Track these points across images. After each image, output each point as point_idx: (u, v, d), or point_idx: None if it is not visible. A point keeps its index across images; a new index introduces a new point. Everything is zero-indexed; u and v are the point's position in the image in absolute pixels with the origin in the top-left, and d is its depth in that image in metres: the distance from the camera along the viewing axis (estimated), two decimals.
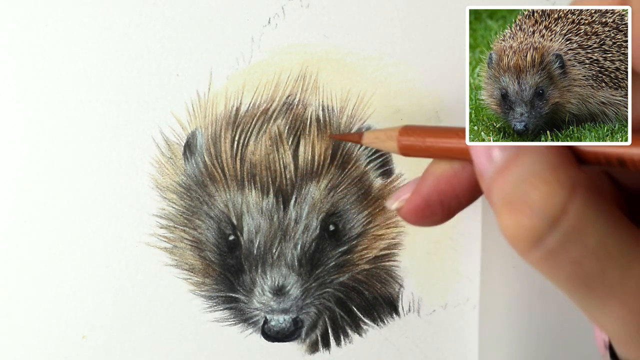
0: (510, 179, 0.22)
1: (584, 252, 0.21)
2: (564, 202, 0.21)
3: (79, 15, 0.41)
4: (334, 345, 0.43)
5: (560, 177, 0.21)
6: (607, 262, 0.21)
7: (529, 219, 0.21)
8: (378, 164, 0.42)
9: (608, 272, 0.21)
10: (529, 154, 0.22)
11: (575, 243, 0.21)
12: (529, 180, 0.22)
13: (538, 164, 0.22)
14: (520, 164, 0.22)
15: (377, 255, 0.43)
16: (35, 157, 0.41)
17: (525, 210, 0.21)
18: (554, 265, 0.22)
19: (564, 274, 0.22)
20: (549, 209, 0.21)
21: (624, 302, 0.21)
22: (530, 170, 0.22)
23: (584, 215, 0.21)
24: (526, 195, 0.21)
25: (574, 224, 0.21)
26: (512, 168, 0.22)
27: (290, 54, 0.41)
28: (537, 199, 0.21)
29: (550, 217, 0.21)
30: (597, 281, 0.21)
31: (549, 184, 0.21)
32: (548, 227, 0.21)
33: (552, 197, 0.21)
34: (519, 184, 0.22)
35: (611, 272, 0.21)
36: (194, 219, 0.42)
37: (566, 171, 0.22)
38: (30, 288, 0.42)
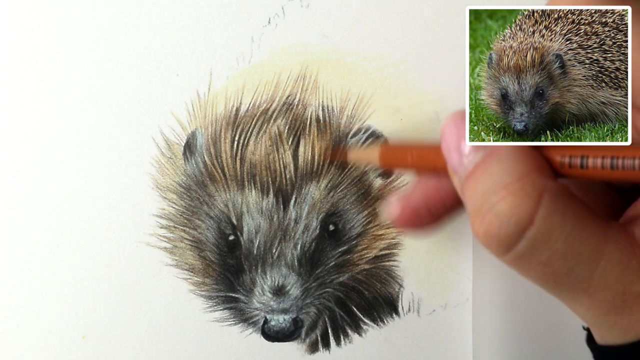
0: (479, 188, 0.23)
1: (553, 255, 0.22)
2: (530, 212, 0.22)
3: (79, 15, 0.41)
4: (333, 345, 0.43)
5: (526, 186, 0.22)
6: (575, 262, 0.22)
7: (497, 228, 0.22)
8: None
9: (576, 271, 0.22)
10: (496, 162, 0.23)
11: (543, 248, 0.22)
12: (496, 191, 0.23)
13: (505, 174, 0.23)
14: (488, 172, 0.23)
15: (377, 255, 0.43)
16: (35, 157, 0.41)
17: (493, 221, 0.22)
18: (525, 266, 0.23)
19: (534, 274, 0.23)
20: (515, 219, 0.22)
21: (592, 295, 0.23)
22: (497, 180, 0.23)
23: (550, 222, 0.22)
24: (494, 206, 0.22)
25: (541, 231, 0.22)
26: (480, 176, 0.23)
27: (290, 54, 0.41)
28: (504, 210, 0.22)
29: (517, 226, 0.22)
30: (566, 279, 0.23)
31: (515, 195, 0.22)
32: (516, 236, 0.22)
33: (519, 208, 0.22)
34: (487, 194, 0.23)
35: (579, 270, 0.22)
36: (194, 219, 0.42)
37: (532, 180, 0.23)
38: (30, 288, 0.42)
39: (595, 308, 0.23)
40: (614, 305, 0.23)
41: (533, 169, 0.23)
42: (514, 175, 0.23)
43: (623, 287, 0.22)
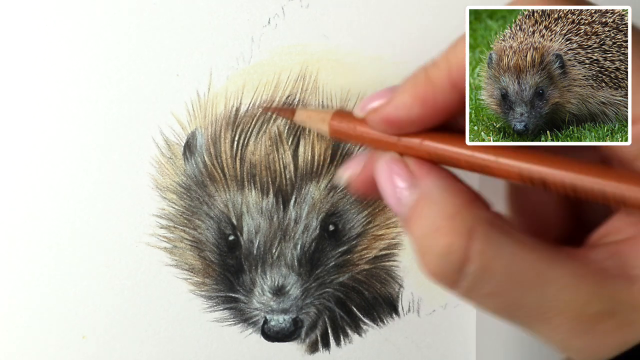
0: (417, 232, 0.24)
1: (497, 286, 0.23)
2: (465, 249, 0.23)
3: (79, 15, 0.41)
4: (333, 345, 0.43)
5: (457, 225, 0.23)
6: (520, 290, 0.23)
7: (438, 268, 0.23)
8: None
9: (525, 299, 0.23)
10: (427, 205, 0.24)
11: (485, 281, 0.23)
12: (431, 234, 0.23)
13: (436, 216, 0.24)
14: (421, 216, 0.24)
15: (377, 255, 0.43)
16: (35, 157, 0.41)
17: (434, 261, 0.23)
18: (475, 300, 0.24)
19: (487, 306, 0.24)
20: (452, 259, 0.23)
21: (547, 321, 0.23)
22: (430, 223, 0.24)
23: (486, 255, 0.23)
24: (431, 248, 0.23)
25: (479, 265, 0.23)
26: (416, 220, 0.24)
27: (290, 54, 0.41)
28: (441, 251, 0.23)
29: (455, 264, 0.23)
30: (518, 308, 0.23)
31: (447, 236, 0.23)
32: (457, 273, 0.23)
33: (453, 247, 0.23)
34: (424, 238, 0.24)
35: (528, 298, 0.23)
36: (194, 219, 0.42)
37: (462, 217, 0.23)
38: (30, 288, 0.42)
39: (555, 333, 0.23)
40: (573, 329, 0.23)
41: (462, 205, 0.24)
42: (443, 216, 0.23)
43: (578, 310, 0.22)
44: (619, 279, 0.23)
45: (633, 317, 0.22)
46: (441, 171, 0.25)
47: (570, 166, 0.23)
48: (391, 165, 0.26)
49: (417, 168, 0.25)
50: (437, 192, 0.24)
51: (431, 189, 0.24)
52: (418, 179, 0.25)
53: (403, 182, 0.25)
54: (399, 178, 0.25)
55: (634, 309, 0.22)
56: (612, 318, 0.22)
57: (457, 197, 0.24)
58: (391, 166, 0.25)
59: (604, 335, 0.23)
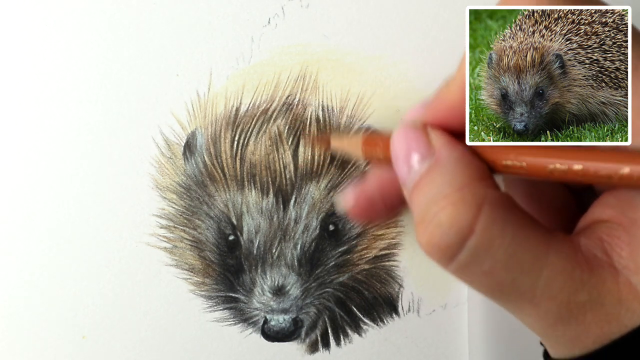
0: (422, 199, 0.24)
1: (494, 264, 0.23)
2: (470, 222, 0.22)
3: (79, 15, 0.41)
4: (333, 345, 0.43)
5: (466, 196, 0.23)
6: (517, 271, 0.23)
7: (439, 238, 0.23)
8: None
9: (519, 281, 0.23)
10: (439, 173, 0.24)
11: (484, 257, 0.23)
12: (438, 201, 0.23)
13: (446, 184, 0.23)
14: (430, 183, 0.24)
15: (376, 255, 0.43)
16: (35, 157, 0.41)
17: (435, 231, 0.23)
18: (469, 276, 0.23)
19: (479, 284, 0.24)
20: (456, 229, 0.22)
21: (537, 305, 0.23)
22: (438, 190, 0.23)
23: (490, 232, 0.22)
24: (435, 216, 0.23)
25: (482, 240, 0.22)
26: (423, 187, 0.24)
27: (290, 54, 0.41)
28: (445, 220, 0.23)
29: (458, 236, 0.22)
30: (510, 289, 0.23)
31: (455, 205, 0.23)
32: (457, 245, 0.23)
33: (458, 218, 0.22)
34: (429, 205, 0.23)
35: (522, 280, 0.23)
36: (194, 219, 0.42)
37: (472, 189, 0.23)
38: (30, 288, 0.42)
39: (542, 319, 0.23)
40: (560, 316, 0.23)
41: (474, 178, 0.23)
42: (454, 185, 0.23)
43: (567, 297, 0.22)
44: (606, 269, 0.23)
45: (616, 311, 0.22)
46: (459, 144, 0.25)
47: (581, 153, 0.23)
48: (409, 133, 0.25)
49: (436, 138, 0.25)
50: (450, 162, 0.24)
51: (445, 158, 0.24)
52: (434, 149, 0.24)
53: (418, 150, 0.25)
54: (415, 146, 0.25)
55: (618, 302, 0.22)
56: (598, 309, 0.22)
57: (470, 170, 0.23)
58: (409, 135, 0.25)
59: (588, 325, 0.23)
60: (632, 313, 0.22)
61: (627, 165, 0.22)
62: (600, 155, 0.23)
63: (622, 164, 0.22)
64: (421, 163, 0.24)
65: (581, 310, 0.23)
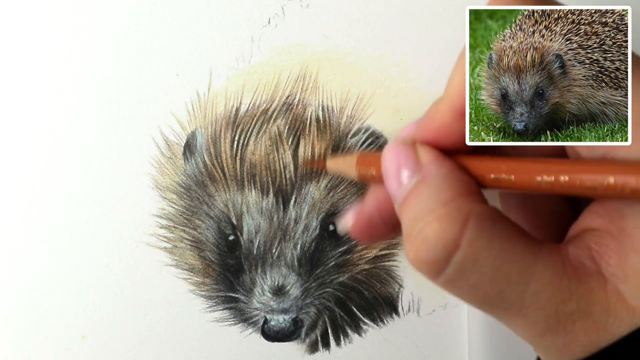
0: (410, 214, 0.24)
1: (482, 277, 0.23)
2: (456, 237, 0.23)
3: (79, 15, 0.41)
4: (333, 345, 0.43)
5: (452, 211, 0.23)
6: (504, 283, 0.23)
7: (425, 253, 0.23)
8: None
9: (506, 292, 0.23)
10: (426, 188, 0.24)
11: (471, 271, 0.23)
12: (424, 216, 0.23)
13: (433, 199, 0.24)
14: (417, 198, 0.24)
15: (376, 255, 0.43)
16: (35, 157, 0.41)
17: (421, 246, 0.23)
18: (457, 289, 0.24)
19: (466, 297, 0.24)
20: (442, 245, 0.23)
21: (526, 316, 0.23)
22: (425, 206, 0.24)
23: (476, 246, 0.23)
24: (422, 231, 0.23)
25: (468, 254, 0.23)
26: (411, 201, 0.24)
27: (290, 54, 0.41)
28: (431, 235, 0.23)
29: (444, 251, 0.23)
30: (498, 301, 0.23)
31: (441, 221, 0.23)
32: (444, 260, 0.23)
33: (444, 232, 0.23)
34: (416, 220, 0.23)
35: (509, 292, 0.23)
36: (193, 219, 0.42)
37: (458, 204, 0.23)
38: (30, 288, 0.42)
39: (531, 329, 0.23)
40: (548, 326, 0.23)
41: (460, 193, 0.24)
42: (440, 200, 0.23)
43: (555, 307, 0.23)
44: (594, 278, 0.23)
45: (605, 319, 0.22)
46: (447, 160, 0.25)
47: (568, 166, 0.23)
48: (398, 149, 0.25)
49: (424, 154, 0.25)
50: (437, 177, 0.24)
51: (432, 174, 0.24)
52: (422, 165, 0.25)
53: (407, 166, 0.25)
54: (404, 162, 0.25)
55: (606, 311, 0.22)
56: (586, 318, 0.23)
57: (456, 185, 0.24)
58: (398, 151, 0.25)
59: (577, 334, 0.23)
60: (620, 321, 0.22)
61: (612, 176, 0.22)
62: (586, 167, 0.23)
63: (607, 175, 0.22)
64: (410, 178, 0.25)
65: (569, 319, 0.23)
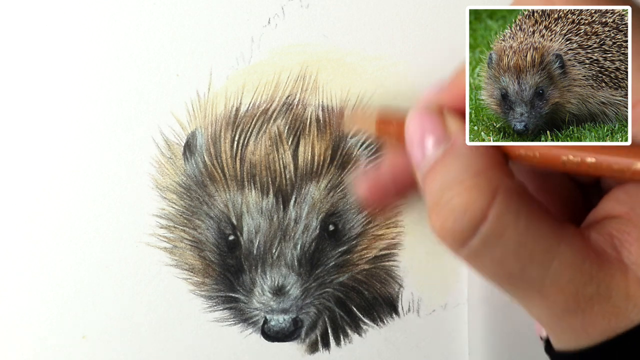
0: (437, 183, 0.24)
1: (505, 253, 0.23)
2: (484, 208, 0.22)
3: (79, 15, 0.41)
4: (333, 345, 0.43)
5: (481, 183, 0.23)
6: (527, 261, 0.23)
7: (452, 223, 0.23)
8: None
9: (528, 270, 0.23)
10: (454, 158, 0.24)
11: (496, 245, 0.23)
12: (452, 186, 0.23)
13: (461, 170, 0.23)
14: (445, 167, 0.24)
15: (376, 255, 0.43)
16: (35, 158, 0.41)
17: (448, 216, 0.23)
18: (479, 263, 0.23)
19: (488, 271, 0.24)
20: (469, 215, 0.22)
21: (545, 295, 0.23)
22: (453, 176, 0.23)
23: (503, 220, 0.22)
24: (450, 201, 0.23)
25: (494, 228, 0.22)
26: (438, 171, 0.24)
27: (290, 54, 0.41)
28: (459, 206, 0.23)
29: (470, 222, 0.22)
30: (519, 278, 0.23)
31: (469, 191, 0.23)
32: (470, 231, 0.23)
33: (472, 204, 0.22)
34: (444, 190, 0.23)
35: (531, 270, 0.23)
36: (193, 219, 0.42)
37: (487, 176, 0.23)
38: (30, 288, 0.42)
39: (549, 310, 0.23)
40: (567, 308, 0.23)
41: (490, 166, 0.23)
42: (470, 171, 0.23)
43: (575, 289, 0.23)
44: (615, 265, 0.23)
45: (624, 305, 0.23)
46: None
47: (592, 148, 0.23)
48: (424, 116, 0.25)
49: (452, 123, 0.25)
50: (465, 147, 0.24)
51: (461, 143, 0.24)
52: (450, 134, 0.24)
53: (433, 134, 0.24)
54: (430, 129, 0.25)
55: (626, 297, 0.22)
56: (606, 302, 0.23)
57: (485, 157, 0.23)
58: (424, 119, 0.25)
59: (595, 318, 0.23)
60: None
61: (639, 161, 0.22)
62: (613, 150, 0.23)
63: (635, 159, 0.22)
64: (436, 147, 0.24)
65: (589, 302, 0.23)
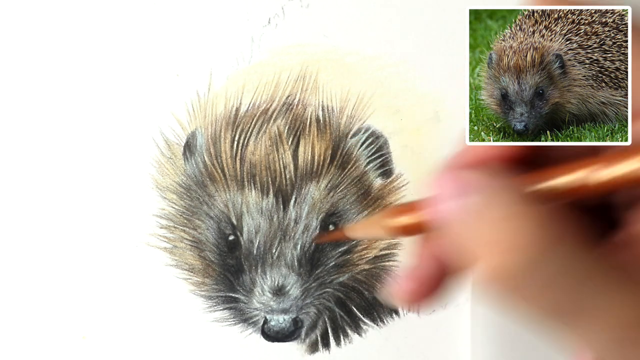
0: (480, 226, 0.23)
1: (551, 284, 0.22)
2: (534, 240, 0.22)
3: (79, 15, 0.41)
4: (333, 345, 0.43)
5: (525, 213, 0.22)
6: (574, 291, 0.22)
7: (510, 260, 0.22)
8: (378, 164, 0.42)
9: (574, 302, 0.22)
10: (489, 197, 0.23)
11: (544, 276, 0.22)
12: (496, 224, 0.23)
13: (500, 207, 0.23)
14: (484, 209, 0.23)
15: (376, 255, 0.43)
16: (35, 157, 0.41)
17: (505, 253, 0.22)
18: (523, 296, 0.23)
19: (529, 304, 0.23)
20: (522, 249, 0.22)
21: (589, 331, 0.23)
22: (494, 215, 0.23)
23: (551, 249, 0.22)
24: (501, 240, 0.22)
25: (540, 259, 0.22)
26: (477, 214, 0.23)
27: (290, 54, 0.41)
28: (510, 241, 0.22)
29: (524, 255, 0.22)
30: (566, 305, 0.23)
31: (515, 225, 0.22)
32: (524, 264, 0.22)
33: (522, 238, 0.22)
34: (491, 230, 0.23)
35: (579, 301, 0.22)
36: (193, 219, 0.42)
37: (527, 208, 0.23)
38: (30, 288, 0.42)
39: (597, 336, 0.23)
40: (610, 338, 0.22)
41: (529, 195, 0.23)
42: (508, 206, 0.23)
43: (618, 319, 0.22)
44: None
45: None
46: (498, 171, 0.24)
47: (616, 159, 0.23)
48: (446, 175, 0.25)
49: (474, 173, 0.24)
50: (496, 187, 0.23)
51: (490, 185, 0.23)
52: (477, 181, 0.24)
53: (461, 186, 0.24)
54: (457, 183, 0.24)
55: None
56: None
57: (516, 191, 0.23)
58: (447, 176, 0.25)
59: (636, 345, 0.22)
60: None
61: None
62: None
63: None
64: (466, 196, 0.24)
65: (631, 330, 0.22)
